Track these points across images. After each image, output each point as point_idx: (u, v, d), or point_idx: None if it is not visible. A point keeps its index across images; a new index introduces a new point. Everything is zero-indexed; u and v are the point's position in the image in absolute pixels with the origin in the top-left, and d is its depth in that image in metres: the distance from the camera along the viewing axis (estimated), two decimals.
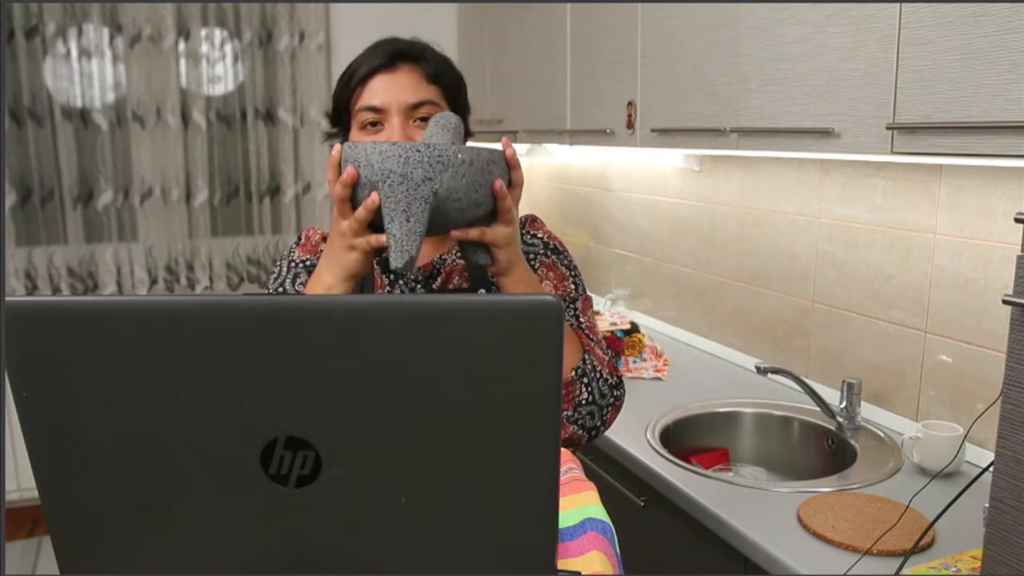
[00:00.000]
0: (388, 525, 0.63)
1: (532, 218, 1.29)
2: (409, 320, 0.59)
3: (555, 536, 0.65)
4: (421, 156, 0.90)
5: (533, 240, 1.23)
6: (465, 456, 0.62)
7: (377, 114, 1.14)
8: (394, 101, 1.13)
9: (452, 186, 0.91)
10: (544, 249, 1.23)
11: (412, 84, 1.14)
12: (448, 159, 0.90)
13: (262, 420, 0.60)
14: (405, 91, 1.13)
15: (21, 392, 0.61)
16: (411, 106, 1.13)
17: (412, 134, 1.13)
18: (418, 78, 1.15)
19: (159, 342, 0.59)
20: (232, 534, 0.64)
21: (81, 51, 2.85)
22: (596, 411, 1.11)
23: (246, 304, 0.60)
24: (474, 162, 0.92)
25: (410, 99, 1.13)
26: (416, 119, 1.14)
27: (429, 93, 1.15)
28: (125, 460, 0.62)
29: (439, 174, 0.90)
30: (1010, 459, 0.87)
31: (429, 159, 0.90)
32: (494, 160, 0.95)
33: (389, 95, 1.13)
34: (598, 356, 1.13)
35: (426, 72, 1.15)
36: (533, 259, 1.22)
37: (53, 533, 0.65)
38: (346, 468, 0.61)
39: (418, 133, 1.13)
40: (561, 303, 0.59)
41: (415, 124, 1.14)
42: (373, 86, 1.14)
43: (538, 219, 1.29)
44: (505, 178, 0.98)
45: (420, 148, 0.90)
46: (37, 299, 0.60)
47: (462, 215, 0.94)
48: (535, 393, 0.60)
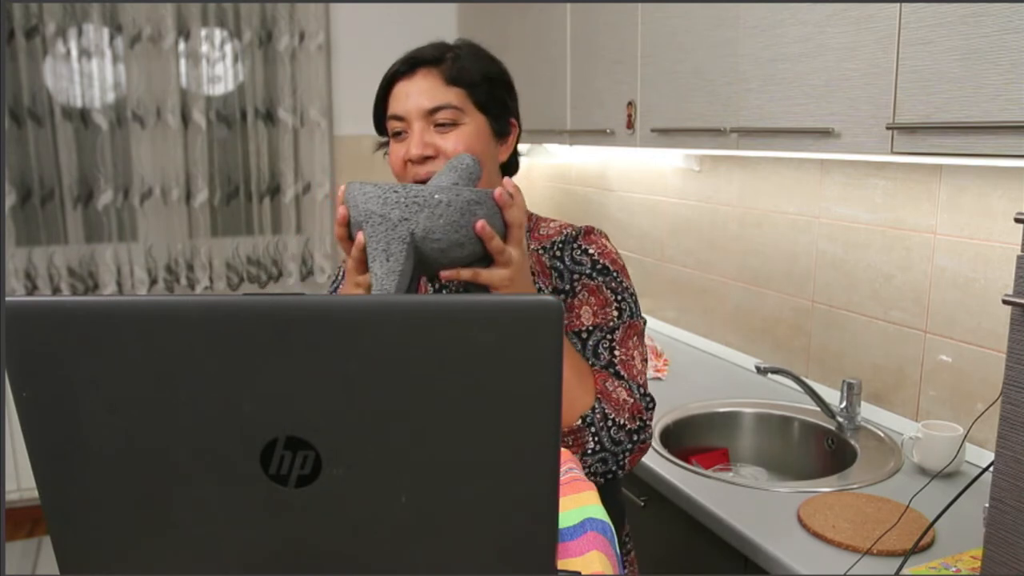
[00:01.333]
0: (388, 525, 0.63)
1: (588, 231, 1.21)
2: (409, 320, 0.59)
3: (555, 536, 0.65)
4: (398, 197, 0.91)
5: (582, 258, 1.17)
6: (465, 456, 0.62)
7: (401, 122, 1.13)
8: (413, 107, 1.12)
9: (429, 227, 0.91)
10: (591, 269, 1.16)
11: (429, 89, 1.12)
12: (424, 200, 0.91)
13: (262, 420, 0.60)
14: (422, 97, 1.12)
15: (21, 392, 0.61)
16: (428, 111, 1.12)
17: (432, 140, 1.12)
18: (436, 82, 1.13)
19: (159, 342, 0.59)
20: (232, 534, 0.64)
21: (81, 51, 2.85)
22: (609, 457, 1.06)
23: (246, 304, 0.60)
24: (452, 203, 0.91)
25: (426, 105, 1.12)
26: (436, 124, 1.12)
27: (448, 97, 1.13)
28: (125, 460, 0.62)
29: (415, 215, 0.91)
30: (1010, 459, 0.87)
31: (405, 200, 0.91)
32: (478, 201, 0.93)
33: (408, 102, 1.13)
34: (615, 401, 1.07)
35: (446, 75, 1.13)
36: (576, 280, 1.16)
37: (53, 533, 0.65)
38: (346, 468, 0.61)
39: (438, 139, 1.12)
40: (561, 304, 0.59)
41: (435, 130, 1.13)
42: (396, 94, 1.15)
43: (595, 232, 1.22)
44: (495, 218, 0.95)
45: (398, 189, 0.91)
46: (37, 299, 0.60)
47: (444, 255, 0.94)
48: (535, 393, 0.60)
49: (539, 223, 1.26)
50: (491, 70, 1.19)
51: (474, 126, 1.15)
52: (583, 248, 1.18)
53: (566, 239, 1.20)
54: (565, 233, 1.21)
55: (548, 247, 1.20)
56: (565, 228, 1.22)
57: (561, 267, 1.17)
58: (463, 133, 1.13)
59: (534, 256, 1.20)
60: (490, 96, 1.17)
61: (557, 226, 1.23)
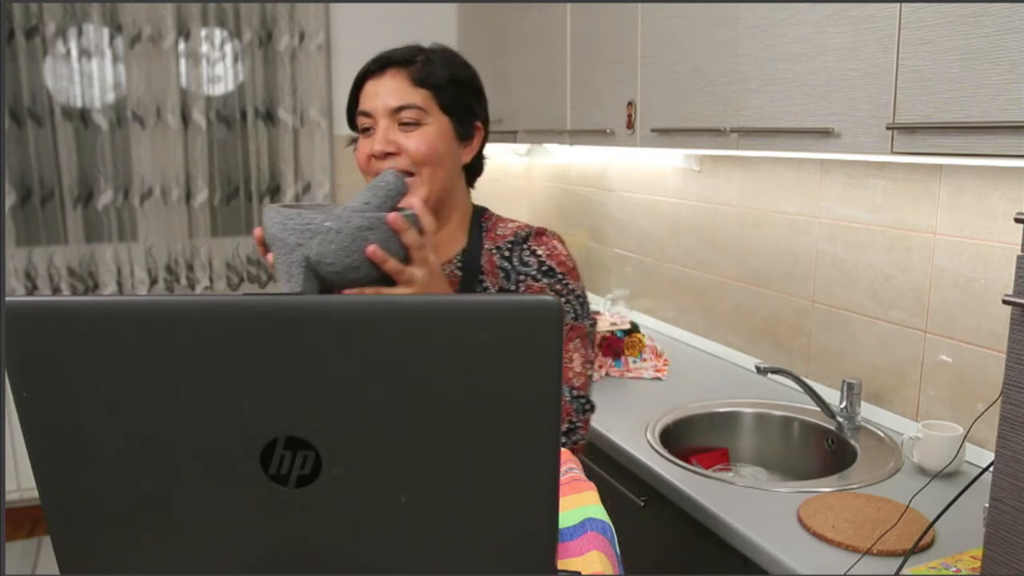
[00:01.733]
0: (388, 525, 0.63)
1: (539, 232, 1.25)
2: (409, 320, 0.59)
3: (555, 536, 0.65)
4: (294, 223, 0.95)
5: (529, 259, 1.21)
6: (465, 456, 0.62)
7: (368, 119, 1.19)
8: (380, 105, 1.18)
9: (322, 251, 0.95)
10: (537, 271, 1.20)
11: (396, 89, 1.18)
12: (316, 227, 0.95)
13: (262, 420, 0.60)
14: (388, 96, 1.18)
15: (21, 392, 0.61)
16: (393, 110, 1.17)
17: (395, 137, 1.18)
18: (404, 82, 1.18)
19: (159, 342, 0.59)
20: (232, 534, 0.64)
21: (81, 51, 2.85)
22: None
23: (246, 304, 0.60)
24: (342, 230, 0.95)
25: (392, 103, 1.17)
26: (401, 123, 1.18)
27: (413, 97, 1.18)
28: (125, 460, 0.62)
29: (308, 240, 0.95)
30: (1010, 459, 0.87)
31: (300, 226, 0.95)
32: (369, 227, 0.96)
33: (376, 100, 1.18)
34: None
35: (413, 77, 1.18)
36: (521, 282, 1.20)
37: (53, 533, 0.65)
38: (346, 468, 0.61)
39: (402, 137, 1.17)
40: (561, 304, 0.59)
41: (400, 128, 1.18)
42: (365, 91, 1.20)
43: (547, 233, 1.26)
44: (389, 242, 0.98)
45: (293, 216, 0.95)
46: (37, 299, 0.60)
47: (341, 277, 0.97)
48: (535, 393, 0.60)
49: (497, 223, 1.29)
50: (459, 74, 1.23)
51: (437, 127, 1.19)
52: (532, 250, 1.22)
53: (516, 240, 1.24)
54: (517, 234, 1.25)
55: (500, 247, 1.24)
56: (520, 229, 1.26)
57: (508, 268, 1.22)
58: (426, 133, 1.18)
59: (486, 256, 1.24)
60: (456, 99, 1.22)
61: (514, 227, 1.27)
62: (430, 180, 1.19)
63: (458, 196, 1.26)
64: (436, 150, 1.19)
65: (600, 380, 2.10)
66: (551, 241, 1.24)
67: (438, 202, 1.21)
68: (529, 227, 1.26)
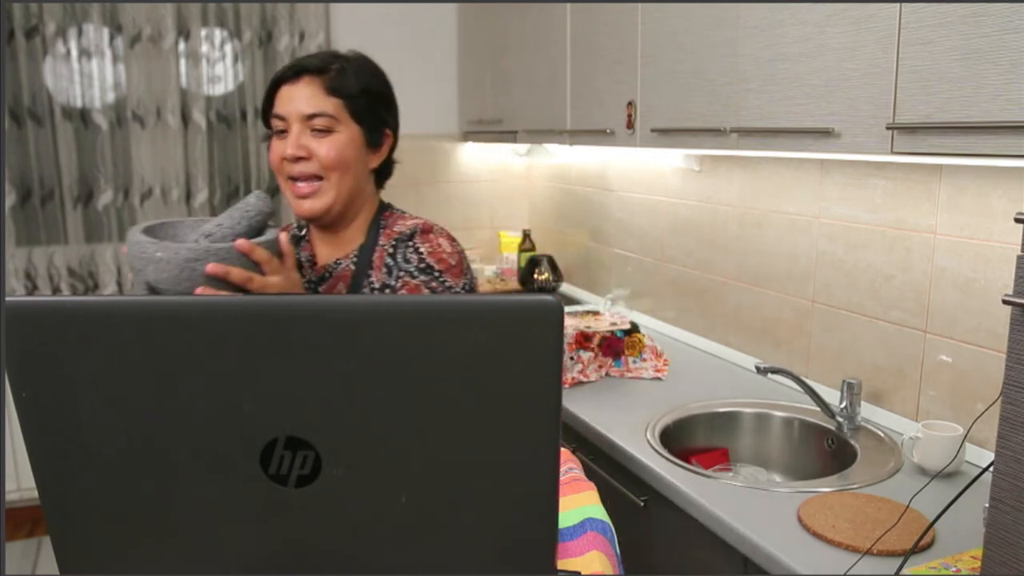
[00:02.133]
0: (388, 525, 0.63)
1: (425, 229, 1.30)
2: (409, 320, 0.59)
3: (555, 536, 0.65)
4: (135, 250, 1.02)
5: (411, 256, 1.25)
6: (465, 456, 0.61)
7: (282, 122, 1.24)
8: (293, 110, 1.23)
9: (157, 278, 1.02)
10: (416, 268, 1.24)
11: (310, 96, 1.23)
12: (148, 256, 1.01)
13: (262, 420, 0.60)
14: (302, 102, 1.23)
15: (21, 392, 0.61)
16: (306, 116, 1.23)
17: (307, 143, 1.23)
18: (317, 90, 1.23)
19: (159, 342, 0.59)
20: (232, 534, 0.64)
21: (81, 51, 2.85)
22: None
23: (246, 304, 0.60)
24: (171, 260, 1.01)
25: (305, 110, 1.23)
26: (313, 129, 1.23)
27: (326, 105, 1.23)
28: (125, 460, 0.62)
29: (145, 267, 1.02)
30: (1010, 459, 0.87)
31: (137, 253, 1.02)
32: (198, 259, 1.02)
33: (290, 105, 1.24)
34: None
35: (326, 85, 1.24)
36: (400, 279, 1.24)
37: (53, 533, 0.65)
38: (346, 468, 0.61)
39: (313, 142, 1.23)
40: (561, 304, 0.59)
41: (312, 134, 1.23)
42: (281, 95, 1.25)
43: (433, 231, 1.30)
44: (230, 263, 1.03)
45: (135, 243, 1.02)
46: (37, 299, 0.60)
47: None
48: (535, 393, 0.60)
49: (396, 220, 1.35)
50: (372, 84, 1.29)
51: (348, 135, 1.25)
52: (415, 247, 1.27)
53: (401, 238, 1.29)
54: (403, 232, 1.30)
55: (390, 243, 1.30)
56: (415, 226, 1.31)
57: (392, 264, 1.27)
58: (336, 140, 1.24)
59: (378, 252, 1.30)
60: (367, 109, 1.27)
61: (409, 224, 1.32)
62: (338, 185, 1.25)
63: (365, 197, 1.33)
64: (345, 157, 1.25)
65: (600, 380, 2.10)
66: (436, 239, 1.29)
67: (345, 204, 1.28)
68: (422, 223, 1.31)
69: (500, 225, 3.52)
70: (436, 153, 3.40)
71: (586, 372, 2.08)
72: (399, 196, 3.88)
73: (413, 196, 3.39)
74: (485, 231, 3.52)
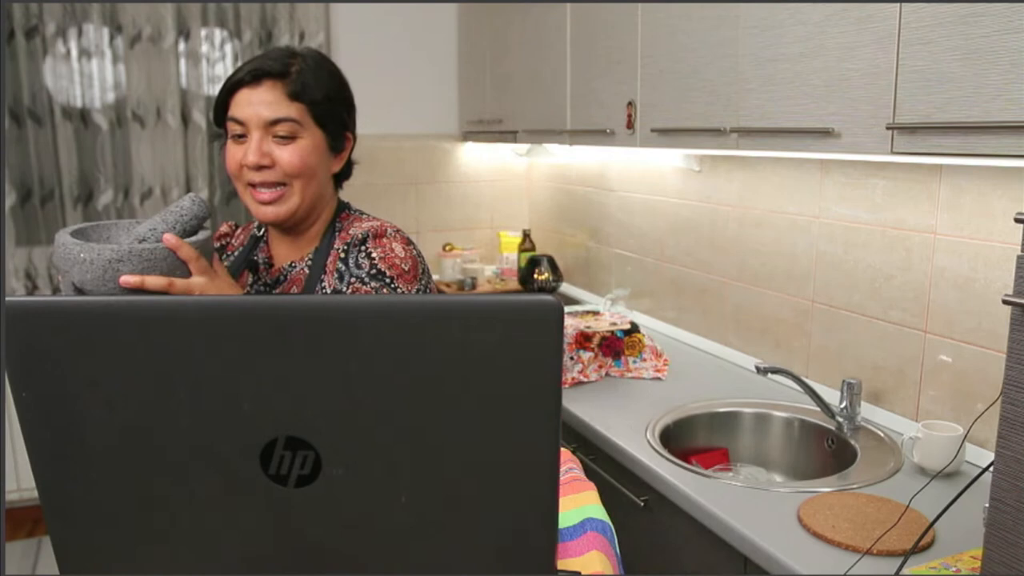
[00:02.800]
0: (388, 525, 0.63)
1: (378, 233, 1.23)
2: (409, 320, 0.59)
3: (555, 536, 0.65)
4: (60, 252, 1.03)
5: (363, 262, 1.20)
6: (465, 456, 0.61)
7: (241, 126, 1.20)
8: (254, 116, 1.18)
9: (82, 279, 1.02)
10: (367, 274, 1.18)
11: (272, 101, 1.18)
12: (73, 257, 1.01)
13: (262, 420, 0.60)
14: (264, 108, 1.18)
15: (21, 392, 0.61)
16: (268, 122, 1.18)
17: (269, 149, 1.19)
18: (279, 95, 1.19)
19: (159, 342, 0.59)
20: (232, 534, 0.64)
21: (81, 51, 2.85)
22: None
23: (246, 304, 0.60)
24: (94, 261, 1.01)
25: (267, 116, 1.18)
26: (276, 136, 1.19)
27: (289, 111, 1.19)
28: (125, 460, 0.62)
29: (71, 268, 1.02)
30: (1010, 459, 0.87)
31: (63, 254, 1.02)
32: (121, 259, 1.02)
33: (250, 110, 1.18)
34: None
35: (288, 90, 1.19)
36: (351, 284, 1.19)
37: (53, 533, 0.65)
38: (346, 468, 0.61)
39: (276, 149, 1.19)
40: (561, 304, 0.59)
41: (274, 140, 1.19)
42: (239, 99, 1.20)
43: (388, 233, 1.24)
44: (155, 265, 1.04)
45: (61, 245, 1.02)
46: (37, 299, 0.60)
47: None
48: (535, 393, 0.60)
49: (353, 223, 1.30)
50: (332, 88, 1.25)
51: (311, 140, 1.21)
52: (367, 252, 1.21)
53: (353, 242, 1.23)
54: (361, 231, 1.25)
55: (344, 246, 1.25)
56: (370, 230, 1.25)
57: (343, 269, 1.22)
58: (299, 147, 1.20)
59: (333, 256, 1.25)
60: (329, 113, 1.24)
61: (366, 227, 1.26)
62: (301, 191, 1.22)
63: (326, 201, 1.30)
64: (309, 164, 1.21)
65: (600, 380, 2.10)
66: (390, 243, 1.22)
67: (308, 209, 1.25)
68: (376, 227, 1.25)
69: (500, 225, 3.52)
70: (436, 153, 3.40)
71: (586, 372, 2.08)
72: (399, 196, 3.89)
73: (413, 196, 3.39)
74: (485, 231, 3.52)
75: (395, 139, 3.30)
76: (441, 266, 3.37)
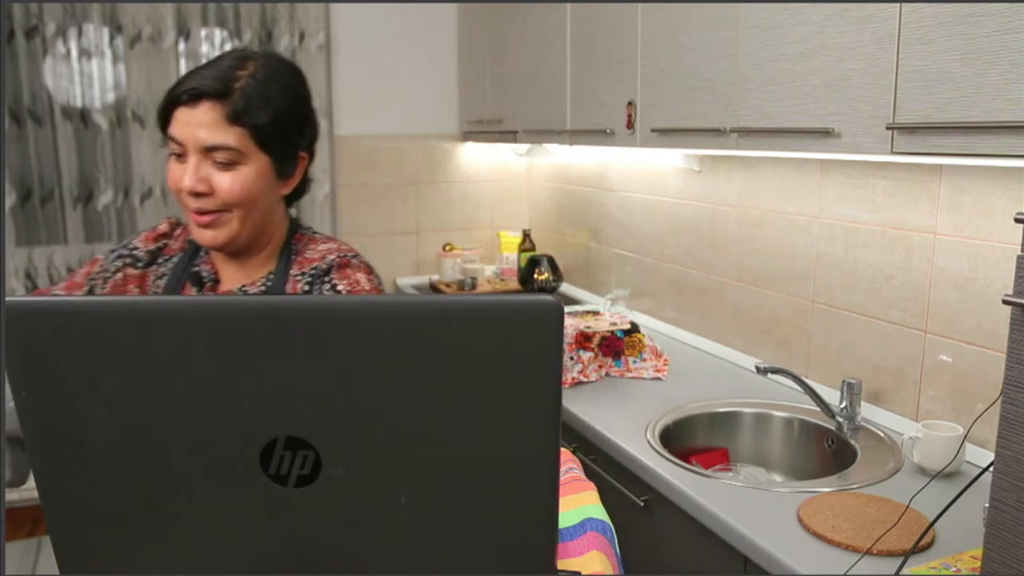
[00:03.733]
0: (388, 525, 0.63)
1: (342, 264, 1.18)
2: (409, 320, 0.59)
3: (555, 536, 0.65)
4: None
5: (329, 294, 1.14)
6: (465, 456, 0.61)
7: (179, 146, 1.10)
8: (191, 139, 1.09)
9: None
10: None
11: (210, 124, 1.08)
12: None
13: (262, 420, 0.60)
14: (202, 131, 1.08)
15: (21, 392, 0.61)
16: (206, 148, 1.09)
17: (207, 175, 1.10)
18: (218, 117, 1.08)
19: (159, 342, 0.59)
20: (232, 534, 0.64)
21: (81, 51, 2.85)
22: None
23: (246, 304, 0.60)
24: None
25: (205, 141, 1.08)
26: (215, 161, 1.09)
27: (228, 137, 1.08)
28: (125, 460, 0.62)
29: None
30: (1010, 459, 0.87)
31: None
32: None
33: (187, 132, 1.09)
34: None
35: (228, 112, 1.08)
36: None
37: (53, 533, 0.65)
38: (346, 468, 0.61)
39: (215, 175, 1.10)
40: (561, 304, 0.59)
41: (213, 165, 1.10)
42: (177, 117, 1.10)
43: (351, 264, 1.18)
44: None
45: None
46: (37, 299, 0.60)
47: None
48: (535, 393, 0.60)
49: (308, 245, 1.23)
50: (283, 106, 1.13)
51: (255, 168, 1.12)
52: (333, 284, 1.15)
53: (317, 273, 1.18)
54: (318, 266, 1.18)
55: (305, 274, 1.18)
56: (328, 255, 1.20)
57: None
58: (240, 175, 1.10)
59: (291, 282, 1.18)
60: (276, 137, 1.13)
61: (323, 250, 1.21)
62: (242, 220, 1.13)
63: (275, 224, 1.21)
64: (250, 193, 1.12)
65: (600, 380, 2.10)
66: (354, 274, 1.17)
67: (252, 236, 1.17)
68: (338, 252, 1.20)
69: (500, 225, 3.52)
70: (436, 153, 3.40)
71: (586, 372, 2.08)
72: (399, 196, 3.89)
73: (413, 196, 3.39)
74: (485, 231, 3.52)
75: (395, 139, 3.30)
76: (441, 266, 3.37)
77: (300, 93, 1.18)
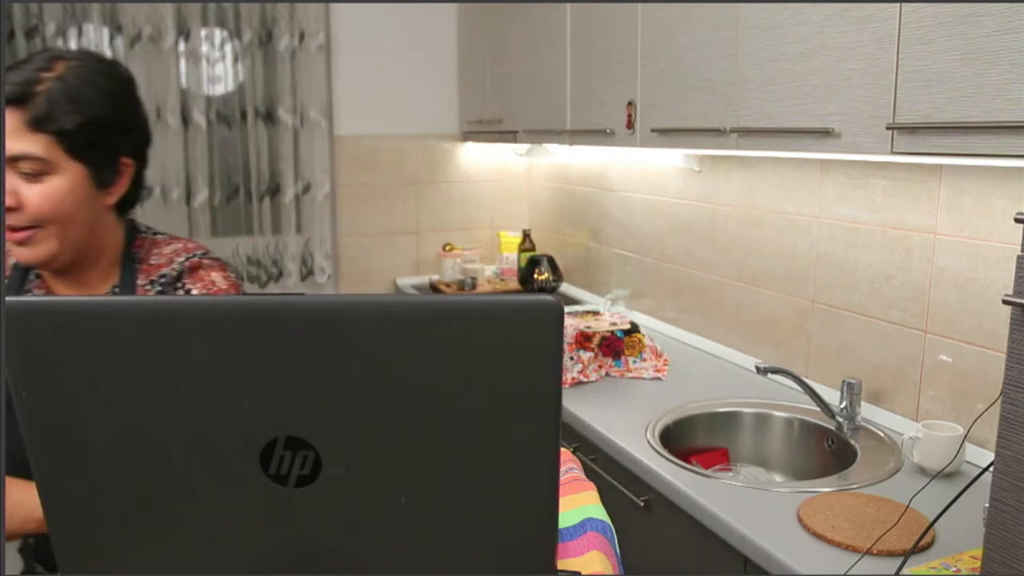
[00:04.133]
0: (388, 525, 0.63)
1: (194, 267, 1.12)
2: (409, 320, 0.59)
3: (555, 536, 0.65)
4: None
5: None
6: (465, 456, 0.61)
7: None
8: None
9: None
10: None
11: (10, 132, 0.99)
12: None
13: (262, 420, 0.60)
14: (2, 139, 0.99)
15: (21, 392, 0.61)
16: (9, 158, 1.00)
17: (15, 187, 1.00)
18: (18, 125, 0.99)
19: (159, 342, 0.59)
20: (232, 534, 0.64)
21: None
22: None
23: (246, 304, 0.60)
24: None
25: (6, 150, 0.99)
26: (21, 173, 1.00)
27: (30, 146, 0.99)
28: (125, 460, 0.62)
29: None
30: (1010, 459, 0.87)
31: None
32: None
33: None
34: None
35: (28, 118, 0.99)
36: None
37: (53, 533, 0.65)
38: (346, 468, 0.61)
39: (23, 188, 1.00)
40: (561, 304, 0.59)
41: (20, 177, 1.00)
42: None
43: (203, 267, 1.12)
44: None
45: None
46: (37, 299, 0.60)
47: None
48: (535, 393, 0.60)
49: (151, 250, 1.15)
50: (97, 110, 1.03)
51: (67, 179, 1.02)
52: (186, 289, 1.10)
53: (168, 280, 1.12)
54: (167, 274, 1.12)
55: (154, 282, 1.12)
56: (176, 257, 1.13)
57: None
58: (49, 188, 1.01)
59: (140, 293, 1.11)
60: (90, 143, 1.03)
61: (171, 252, 1.14)
62: (60, 236, 1.03)
63: (105, 236, 1.12)
64: (62, 208, 1.02)
65: (600, 380, 2.10)
66: (208, 275, 1.12)
67: (76, 252, 1.07)
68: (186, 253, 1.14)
69: (500, 225, 3.52)
70: (436, 153, 3.40)
71: (586, 372, 2.08)
72: (399, 196, 3.89)
73: (413, 196, 3.39)
74: (485, 231, 3.52)
75: (395, 139, 3.30)
76: (441, 266, 3.37)
77: (121, 95, 1.08)
